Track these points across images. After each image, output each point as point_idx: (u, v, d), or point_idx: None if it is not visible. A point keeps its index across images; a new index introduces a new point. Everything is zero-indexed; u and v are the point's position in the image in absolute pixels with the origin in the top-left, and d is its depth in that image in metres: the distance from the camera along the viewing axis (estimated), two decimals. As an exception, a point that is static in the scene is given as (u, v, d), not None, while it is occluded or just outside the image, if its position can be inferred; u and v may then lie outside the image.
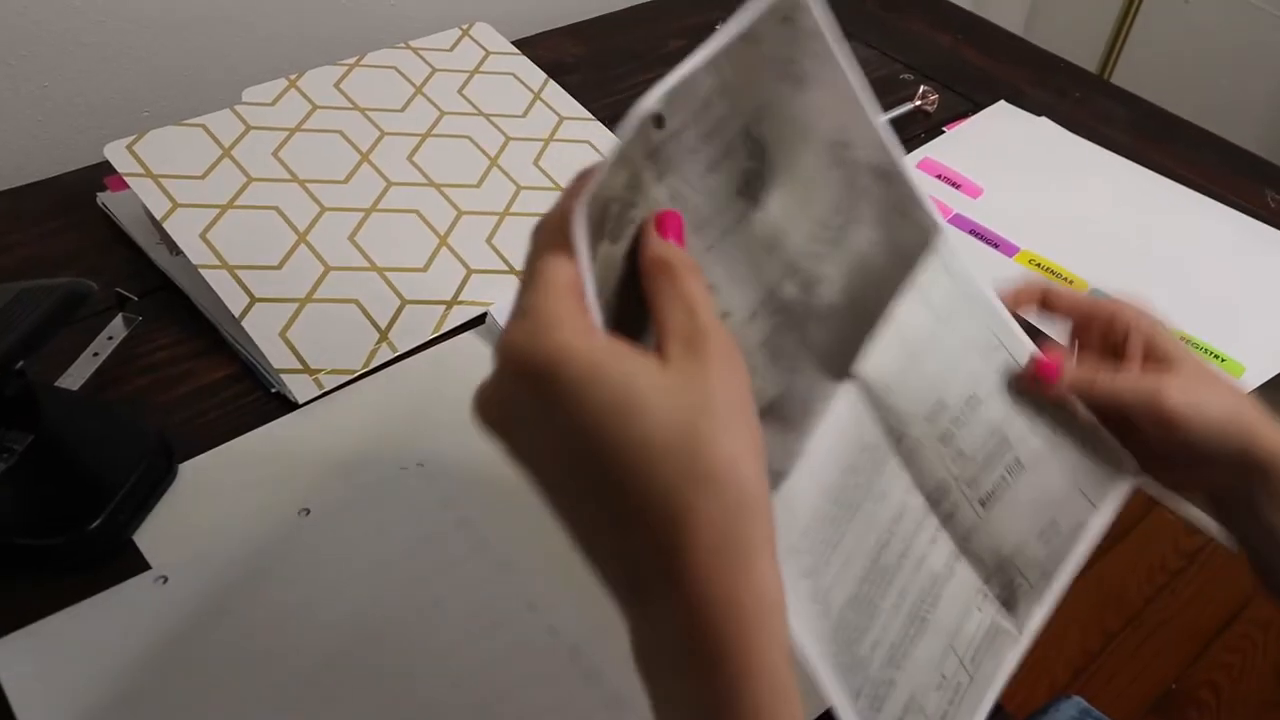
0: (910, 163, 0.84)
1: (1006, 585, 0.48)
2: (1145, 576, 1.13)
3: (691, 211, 0.38)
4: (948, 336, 0.48)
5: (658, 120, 0.36)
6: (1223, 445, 0.51)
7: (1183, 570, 1.46)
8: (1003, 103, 0.97)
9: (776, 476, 0.40)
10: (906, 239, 0.47)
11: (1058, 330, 0.57)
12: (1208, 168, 0.91)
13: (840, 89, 0.43)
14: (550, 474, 0.32)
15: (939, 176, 0.87)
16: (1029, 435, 0.50)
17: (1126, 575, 1.06)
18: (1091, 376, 0.51)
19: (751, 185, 0.41)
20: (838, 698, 0.39)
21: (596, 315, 0.32)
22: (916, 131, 0.93)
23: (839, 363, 0.43)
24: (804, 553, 0.40)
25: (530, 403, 0.31)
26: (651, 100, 0.35)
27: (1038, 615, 0.49)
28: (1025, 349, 0.51)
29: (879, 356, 0.44)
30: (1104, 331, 0.54)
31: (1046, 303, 0.57)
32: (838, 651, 0.40)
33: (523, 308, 0.32)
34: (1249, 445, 0.50)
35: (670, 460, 0.30)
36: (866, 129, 0.45)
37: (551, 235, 0.33)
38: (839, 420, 0.42)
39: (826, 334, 0.42)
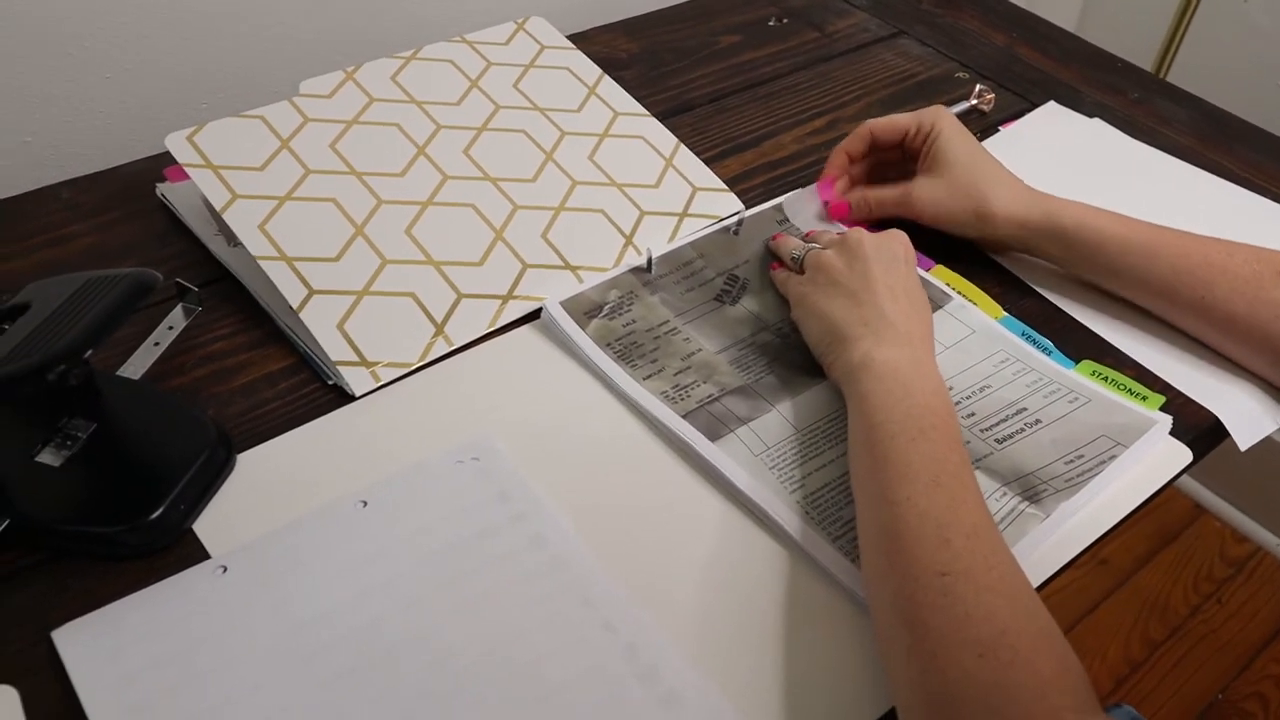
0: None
1: (1029, 489, 0.60)
2: (1190, 585, 1.11)
3: (674, 304, 0.71)
4: (953, 354, 0.69)
5: (648, 267, 0.73)
6: (964, 224, 0.73)
7: (1229, 579, 1.44)
8: (1052, 103, 0.95)
9: (747, 420, 0.64)
10: None
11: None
12: (1273, 172, 0.89)
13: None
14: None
15: (993, 177, 0.86)
16: (1047, 406, 0.65)
17: (1170, 584, 1.04)
18: (862, 200, 0.76)
19: (724, 296, 0.73)
20: (804, 535, 0.58)
21: None
22: (972, 130, 0.92)
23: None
24: (771, 456, 0.62)
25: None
26: (642, 261, 0.73)
27: (1065, 506, 0.59)
28: (1038, 360, 0.68)
29: None
30: (914, 142, 0.76)
31: (875, 141, 0.77)
32: (812, 513, 0.59)
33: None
34: (983, 216, 0.72)
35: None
36: None
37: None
38: (824, 396, 0.66)
39: (806, 356, 0.68)
